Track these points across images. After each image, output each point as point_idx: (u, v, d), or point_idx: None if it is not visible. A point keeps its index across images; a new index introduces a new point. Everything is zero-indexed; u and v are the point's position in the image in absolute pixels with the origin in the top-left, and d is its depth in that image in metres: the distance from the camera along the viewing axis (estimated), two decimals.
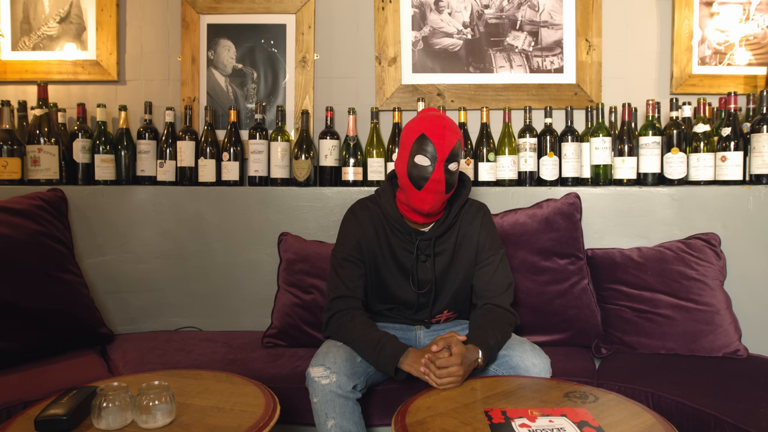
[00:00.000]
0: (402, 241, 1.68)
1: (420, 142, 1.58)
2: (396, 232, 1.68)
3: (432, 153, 1.56)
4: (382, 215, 1.69)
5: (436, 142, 1.56)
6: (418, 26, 2.48)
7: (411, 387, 1.64)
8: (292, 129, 2.47)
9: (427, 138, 1.57)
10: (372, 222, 1.69)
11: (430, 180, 1.56)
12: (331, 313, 1.63)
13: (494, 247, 1.71)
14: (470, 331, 1.59)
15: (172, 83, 2.52)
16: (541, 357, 1.57)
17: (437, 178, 1.56)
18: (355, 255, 1.67)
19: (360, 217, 1.70)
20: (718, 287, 1.95)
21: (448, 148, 1.56)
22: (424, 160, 1.57)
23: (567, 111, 2.28)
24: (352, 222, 1.71)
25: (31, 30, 2.52)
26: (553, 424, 1.19)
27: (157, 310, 2.27)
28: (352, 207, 1.75)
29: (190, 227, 2.27)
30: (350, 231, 1.70)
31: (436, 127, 1.57)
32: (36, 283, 1.86)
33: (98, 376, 1.72)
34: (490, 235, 1.72)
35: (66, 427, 1.16)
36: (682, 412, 1.56)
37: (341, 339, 1.60)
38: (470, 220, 1.71)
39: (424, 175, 1.57)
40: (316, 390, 1.47)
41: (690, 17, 2.40)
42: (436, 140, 1.56)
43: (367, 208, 1.72)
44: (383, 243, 1.68)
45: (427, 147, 1.57)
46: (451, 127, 1.58)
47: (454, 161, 1.59)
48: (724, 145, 2.12)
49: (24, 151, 2.24)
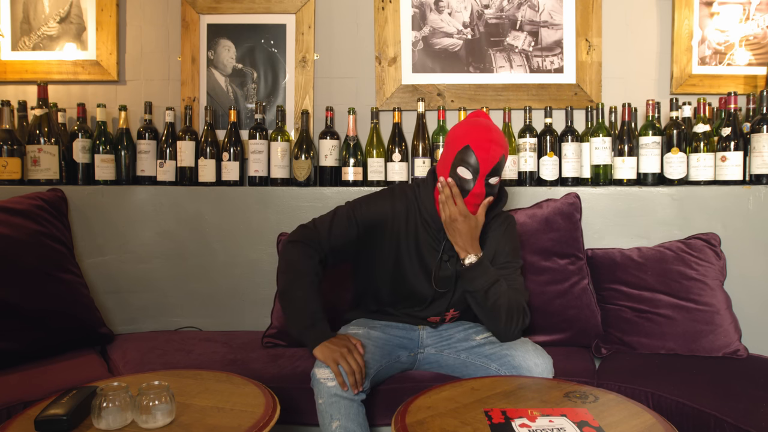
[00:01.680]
0: (429, 237, 1.67)
1: (464, 154, 1.56)
2: (426, 226, 1.67)
3: (474, 167, 1.56)
4: (417, 206, 1.68)
5: (480, 156, 1.55)
6: (418, 26, 2.48)
7: (413, 387, 1.65)
8: (292, 129, 2.47)
9: (471, 151, 1.55)
10: (406, 208, 1.68)
11: (470, 193, 1.57)
12: (295, 240, 1.63)
13: (513, 254, 1.71)
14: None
15: (172, 83, 2.53)
16: (544, 357, 1.57)
17: (477, 192, 1.57)
18: (360, 222, 1.65)
19: (398, 198, 1.69)
20: (718, 287, 1.95)
21: (491, 163, 1.56)
22: (467, 173, 1.57)
23: (567, 111, 2.28)
24: (389, 198, 1.69)
25: (31, 30, 2.52)
26: (553, 424, 1.19)
27: (157, 310, 2.27)
28: (393, 187, 1.74)
29: (190, 227, 2.27)
30: (379, 204, 1.68)
31: (483, 141, 1.55)
32: (36, 283, 1.86)
33: (98, 376, 1.72)
34: (510, 244, 1.72)
35: (66, 427, 1.15)
36: (682, 412, 1.56)
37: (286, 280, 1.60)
38: (496, 228, 1.71)
39: (465, 188, 1.57)
40: (322, 391, 1.47)
41: (690, 17, 2.40)
42: (481, 154, 1.55)
43: (406, 195, 1.71)
44: (411, 232, 1.67)
45: (470, 160, 1.56)
46: (497, 141, 1.56)
47: (496, 176, 1.58)
48: (724, 145, 2.12)
49: (24, 151, 2.24)
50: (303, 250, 1.62)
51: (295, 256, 1.61)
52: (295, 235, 1.66)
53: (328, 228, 1.65)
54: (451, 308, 1.74)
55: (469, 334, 1.73)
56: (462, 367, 1.69)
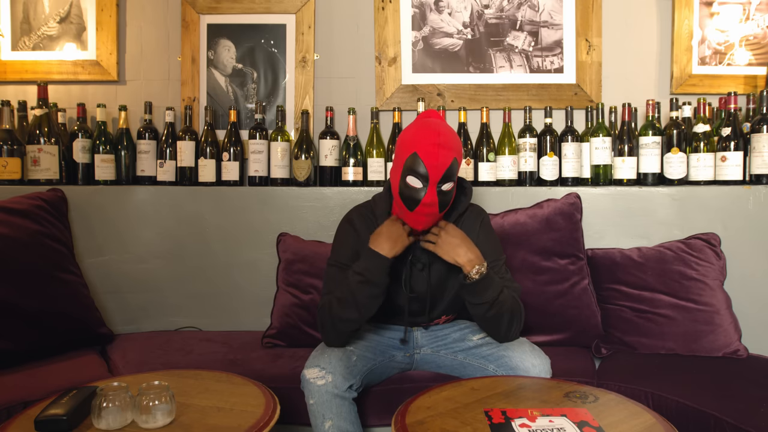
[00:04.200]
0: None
1: (412, 163, 1.47)
2: None
3: (424, 176, 1.46)
4: (377, 224, 1.62)
5: (429, 164, 1.44)
6: (418, 26, 2.48)
7: (411, 387, 1.65)
8: (292, 129, 2.47)
9: (419, 159, 1.45)
10: (368, 230, 1.62)
11: (421, 203, 1.47)
12: (320, 321, 1.56)
13: (495, 253, 1.64)
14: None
15: (172, 83, 2.52)
16: (541, 357, 1.56)
17: (429, 202, 1.47)
18: (350, 264, 1.59)
19: (357, 225, 1.65)
20: (718, 287, 1.95)
21: (441, 170, 1.45)
22: (416, 182, 1.47)
23: (567, 111, 2.28)
24: (349, 231, 1.65)
25: (31, 30, 2.52)
26: (553, 424, 1.19)
27: (157, 310, 2.27)
28: (348, 215, 1.69)
29: (190, 227, 2.27)
30: (346, 239, 1.64)
31: (430, 146, 1.44)
32: (36, 283, 1.86)
33: (98, 376, 1.72)
34: (490, 242, 1.65)
35: (66, 427, 1.15)
36: (682, 412, 1.56)
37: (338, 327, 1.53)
38: (469, 227, 1.64)
39: (416, 198, 1.47)
40: (312, 391, 1.46)
41: (690, 17, 2.40)
42: (429, 161, 1.44)
43: (363, 216, 1.66)
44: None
45: (419, 169, 1.46)
46: (446, 144, 1.45)
47: (449, 181, 1.49)
48: (724, 145, 2.12)
49: (24, 151, 2.24)
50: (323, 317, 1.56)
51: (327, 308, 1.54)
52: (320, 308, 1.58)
53: (334, 285, 1.57)
54: (443, 315, 1.72)
55: (465, 334, 1.72)
56: (460, 368, 1.68)
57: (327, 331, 1.57)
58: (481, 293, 1.50)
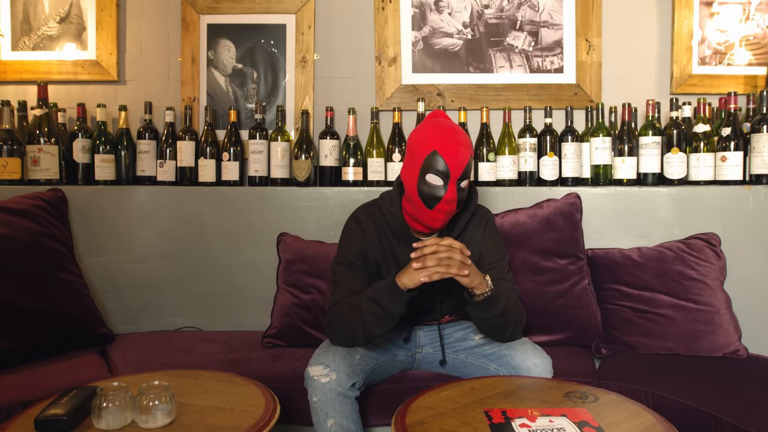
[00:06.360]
0: (406, 250, 1.60)
1: (432, 160, 1.49)
2: (400, 240, 1.64)
3: (445, 172, 1.49)
4: (385, 223, 1.64)
5: (450, 161, 1.48)
6: (418, 26, 2.48)
7: (412, 387, 1.65)
8: (292, 129, 2.47)
9: (439, 156, 1.48)
10: (376, 230, 1.63)
11: (442, 201, 1.50)
12: (328, 320, 1.56)
13: (498, 250, 1.66)
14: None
15: (172, 83, 2.52)
16: (543, 357, 1.56)
17: (450, 198, 1.50)
18: (357, 262, 1.61)
19: (364, 224, 1.65)
20: (718, 287, 1.95)
21: (461, 167, 1.49)
22: (437, 179, 1.50)
23: (567, 111, 2.28)
24: (356, 230, 1.65)
25: (31, 30, 2.52)
26: (553, 424, 1.19)
27: (157, 310, 2.27)
28: (355, 214, 1.69)
29: (190, 227, 2.27)
30: (354, 239, 1.64)
31: (450, 143, 1.48)
32: (36, 283, 1.86)
33: (98, 376, 1.72)
34: (494, 242, 1.67)
35: (66, 427, 1.15)
36: (682, 412, 1.56)
37: (347, 336, 1.52)
38: (474, 228, 1.67)
39: (437, 195, 1.50)
40: (316, 389, 1.46)
41: (690, 17, 2.40)
42: (450, 158, 1.48)
43: (371, 216, 1.66)
44: (387, 251, 1.64)
45: (440, 166, 1.49)
46: (464, 142, 1.50)
47: (466, 179, 1.52)
48: (724, 145, 2.12)
49: (24, 151, 2.24)
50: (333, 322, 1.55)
51: (338, 313, 1.53)
52: (329, 309, 1.57)
53: (342, 283, 1.58)
54: (446, 314, 1.73)
55: (468, 333, 1.73)
56: (461, 367, 1.68)
57: (334, 334, 1.57)
58: (489, 308, 1.49)
